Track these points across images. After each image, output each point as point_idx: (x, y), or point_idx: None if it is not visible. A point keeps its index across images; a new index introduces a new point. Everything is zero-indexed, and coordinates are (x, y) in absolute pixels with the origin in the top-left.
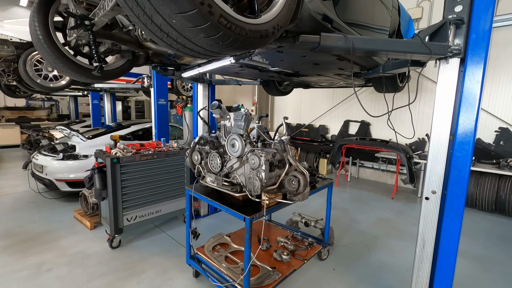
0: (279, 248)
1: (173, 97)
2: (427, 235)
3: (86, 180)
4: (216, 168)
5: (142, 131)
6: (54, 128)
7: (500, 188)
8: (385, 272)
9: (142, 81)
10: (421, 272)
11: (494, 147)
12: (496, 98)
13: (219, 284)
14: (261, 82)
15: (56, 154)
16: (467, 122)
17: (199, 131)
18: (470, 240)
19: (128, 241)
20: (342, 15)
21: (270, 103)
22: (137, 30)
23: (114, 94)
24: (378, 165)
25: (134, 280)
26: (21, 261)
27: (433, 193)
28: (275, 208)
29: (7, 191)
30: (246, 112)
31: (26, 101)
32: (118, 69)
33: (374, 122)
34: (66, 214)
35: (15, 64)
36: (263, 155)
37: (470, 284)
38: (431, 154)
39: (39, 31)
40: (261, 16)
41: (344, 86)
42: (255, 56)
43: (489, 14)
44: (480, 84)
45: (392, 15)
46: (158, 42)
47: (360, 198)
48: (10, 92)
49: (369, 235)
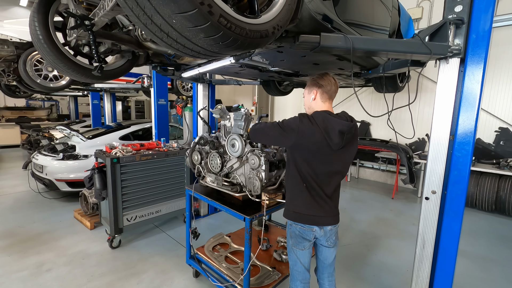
0: (279, 248)
1: (173, 97)
2: (427, 235)
3: (86, 180)
4: (216, 168)
5: (142, 131)
6: (54, 128)
7: (500, 188)
8: (385, 272)
9: (142, 81)
10: (421, 272)
11: (494, 147)
12: (496, 98)
13: (219, 284)
14: (261, 82)
15: (56, 154)
16: (467, 122)
17: (199, 131)
18: (470, 240)
19: (128, 241)
20: (342, 15)
21: (270, 103)
22: (137, 30)
23: (114, 94)
24: (378, 165)
25: (134, 280)
26: (21, 261)
27: (433, 193)
28: (275, 208)
29: (7, 191)
30: (246, 112)
31: (26, 101)
32: (118, 69)
33: (374, 122)
34: (66, 214)
35: (15, 64)
36: (263, 155)
37: (470, 284)
38: (431, 154)
39: (39, 31)
40: (261, 16)
41: (344, 86)
42: (255, 56)
43: (489, 14)
44: (480, 84)
45: (392, 15)
46: (158, 42)
47: (360, 198)
48: (10, 92)
49: (369, 235)
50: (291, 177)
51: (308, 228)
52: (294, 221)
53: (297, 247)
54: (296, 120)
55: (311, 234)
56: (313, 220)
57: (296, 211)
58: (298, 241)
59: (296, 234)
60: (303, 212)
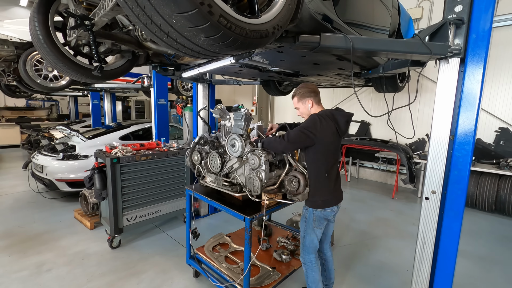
0: (279, 248)
1: (173, 97)
2: (427, 235)
3: (86, 180)
4: (216, 168)
5: (142, 131)
6: (54, 128)
7: (500, 188)
8: (385, 272)
9: (142, 81)
10: (421, 272)
11: (494, 147)
12: (496, 98)
13: (219, 284)
14: (261, 82)
15: (56, 154)
16: (467, 122)
17: (199, 131)
18: (470, 240)
19: (128, 241)
20: (342, 15)
21: (270, 103)
22: (137, 30)
23: (114, 94)
24: (378, 165)
25: (134, 280)
26: (21, 261)
27: (433, 193)
28: (275, 208)
29: (7, 191)
30: (246, 112)
31: (26, 101)
32: (118, 69)
33: (374, 122)
34: (66, 214)
35: (15, 64)
36: (263, 155)
37: (470, 284)
38: (431, 154)
39: (39, 31)
40: (261, 16)
41: (344, 86)
42: (255, 56)
43: (489, 14)
44: (480, 84)
45: (392, 15)
46: (158, 42)
47: (360, 198)
48: (10, 92)
49: (369, 235)
50: (315, 173)
51: (331, 210)
52: (323, 208)
53: (318, 227)
54: (315, 121)
55: (332, 213)
56: (336, 201)
57: (323, 200)
58: (321, 222)
59: (320, 217)
60: (328, 199)
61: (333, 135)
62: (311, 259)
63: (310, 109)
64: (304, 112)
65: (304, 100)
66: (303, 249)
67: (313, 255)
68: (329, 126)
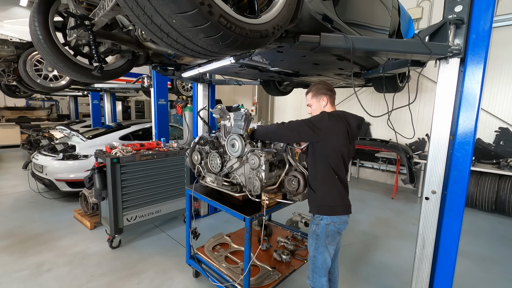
0: (279, 248)
1: (173, 97)
2: (427, 235)
3: (86, 180)
4: (216, 168)
5: (142, 131)
6: (54, 128)
7: (500, 188)
8: (385, 272)
9: (142, 81)
10: (421, 272)
11: (494, 147)
12: (496, 98)
13: (219, 284)
14: (261, 82)
15: (56, 154)
16: (467, 122)
17: (199, 131)
18: (470, 240)
19: (128, 241)
20: (342, 15)
21: (270, 103)
22: (137, 30)
23: (114, 94)
24: (378, 165)
25: (134, 280)
26: (21, 261)
27: (433, 193)
28: (275, 208)
29: (7, 191)
30: (246, 112)
31: (26, 101)
32: (118, 69)
33: (374, 122)
34: (66, 214)
35: (15, 64)
36: (263, 155)
37: (470, 284)
38: (431, 154)
39: (39, 31)
40: (261, 16)
41: (344, 86)
42: (255, 56)
43: (489, 14)
44: (480, 84)
45: (392, 15)
46: (158, 42)
47: (360, 198)
48: (10, 92)
49: (369, 235)
50: (322, 174)
51: (344, 221)
52: (330, 214)
53: (331, 244)
54: (323, 116)
55: (345, 226)
56: (346, 209)
57: (330, 205)
58: (335, 237)
59: (334, 232)
60: (337, 204)
61: (342, 135)
62: (323, 283)
63: (324, 108)
64: (316, 110)
65: (319, 97)
66: (314, 271)
67: (324, 278)
68: (338, 126)
